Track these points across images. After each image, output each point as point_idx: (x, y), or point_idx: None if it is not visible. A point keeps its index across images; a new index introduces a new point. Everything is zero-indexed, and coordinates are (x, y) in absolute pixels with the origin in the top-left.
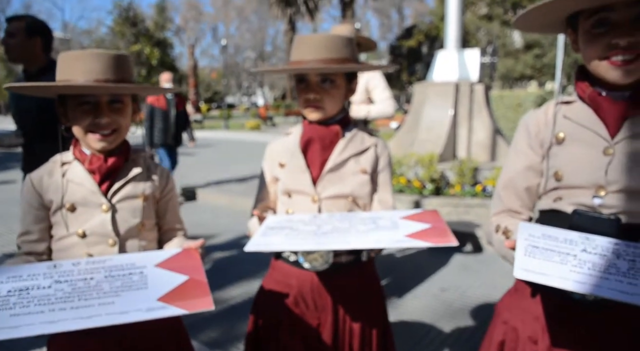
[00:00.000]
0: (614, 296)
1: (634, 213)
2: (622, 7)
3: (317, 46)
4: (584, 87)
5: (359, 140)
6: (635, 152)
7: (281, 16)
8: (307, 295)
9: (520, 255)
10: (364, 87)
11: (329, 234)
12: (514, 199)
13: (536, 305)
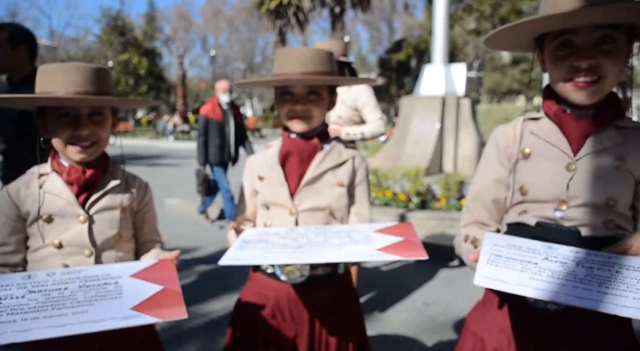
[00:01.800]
0: (569, 301)
1: (593, 225)
2: (584, 30)
3: (302, 59)
4: (550, 105)
5: (336, 153)
6: (596, 168)
7: (271, 28)
8: (284, 307)
9: (483, 263)
10: (353, 103)
11: (303, 247)
12: (483, 211)
13: (502, 316)
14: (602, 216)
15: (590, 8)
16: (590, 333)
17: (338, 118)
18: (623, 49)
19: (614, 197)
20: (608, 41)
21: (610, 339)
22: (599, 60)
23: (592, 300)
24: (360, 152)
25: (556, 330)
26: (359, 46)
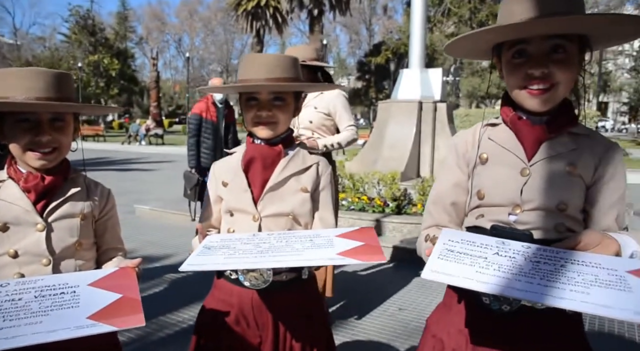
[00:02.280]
0: (509, 293)
1: (545, 229)
2: (537, 40)
3: (267, 65)
4: (507, 111)
5: (300, 159)
6: (549, 173)
7: (248, 29)
8: (248, 313)
9: (434, 258)
10: (325, 109)
11: (265, 253)
12: (443, 214)
13: (461, 318)
14: (554, 219)
15: (540, 19)
16: (543, 333)
17: (309, 123)
18: (574, 58)
19: (565, 201)
20: (560, 51)
21: (562, 338)
22: (551, 68)
23: (532, 292)
24: (335, 157)
25: (511, 330)
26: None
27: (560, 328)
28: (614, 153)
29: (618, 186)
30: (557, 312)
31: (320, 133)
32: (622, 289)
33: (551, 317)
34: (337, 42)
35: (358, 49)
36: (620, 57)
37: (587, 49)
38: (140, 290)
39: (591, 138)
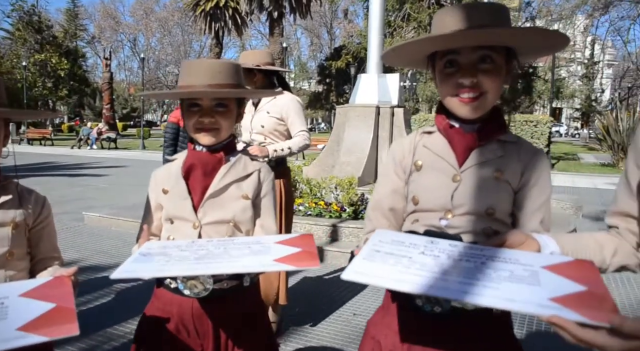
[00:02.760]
0: (426, 291)
1: (474, 232)
2: (466, 51)
3: (209, 71)
4: (441, 120)
5: (241, 165)
6: (478, 179)
7: (207, 31)
8: (188, 322)
9: (358, 259)
10: (278, 114)
11: (201, 259)
12: (382, 220)
13: (397, 320)
14: (483, 223)
15: (466, 31)
16: (474, 333)
17: (261, 128)
18: (501, 68)
19: (493, 205)
20: (487, 61)
21: (492, 338)
22: (480, 78)
23: (447, 289)
24: (295, 162)
25: (443, 331)
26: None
27: (490, 328)
28: (539, 159)
29: (543, 191)
30: (486, 313)
31: (272, 138)
32: (532, 283)
33: (481, 318)
34: (298, 45)
35: (319, 53)
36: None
37: (513, 60)
38: (88, 300)
39: (518, 145)
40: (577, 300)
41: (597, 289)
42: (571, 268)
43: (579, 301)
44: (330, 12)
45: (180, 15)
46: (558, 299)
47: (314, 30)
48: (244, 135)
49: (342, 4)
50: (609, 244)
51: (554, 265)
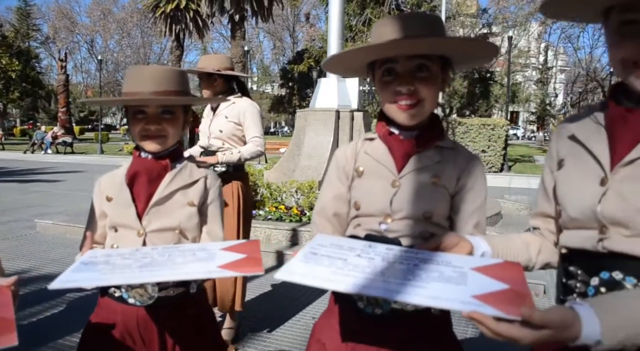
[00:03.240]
0: (355, 290)
1: (412, 236)
2: (402, 60)
3: (155, 78)
4: (380, 127)
5: (187, 172)
6: (416, 184)
7: (167, 33)
8: (133, 330)
9: (294, 260)
10: (237, 119)
11: (145, 267)
12: (327, 225)
13: (342, 321)
14: (420, 227)
15: (399, 41)
16: (414, 333)
17: (220, 133)
18: (437, 76)
19: (430, 210)
20: (423, 69)
21: (431, 337)
22: (417, 86)
23: (377, 288)
24: (257, 165)
25: (385, 332)
26: (262, 55)
27: (429, 328)
28: (474, 165)
29: (478, 195)
30: (426, 314)
31: (231, 143)
32: (459, 283)
33: (420, 318)
34: (260, 48)
35: (282, 56)
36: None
37: (449, 69)
38: (38, 311)
39: (455, 152)
40: (498, 297)
41: (519, 287)
42: (498, 269)
43: (499, 298)
44: (293, 15)
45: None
46: (480, 296)
47: (276, 34)
48: (202, 139)
49: (305, 8)
50: (534, 244)
51: (482, 267)
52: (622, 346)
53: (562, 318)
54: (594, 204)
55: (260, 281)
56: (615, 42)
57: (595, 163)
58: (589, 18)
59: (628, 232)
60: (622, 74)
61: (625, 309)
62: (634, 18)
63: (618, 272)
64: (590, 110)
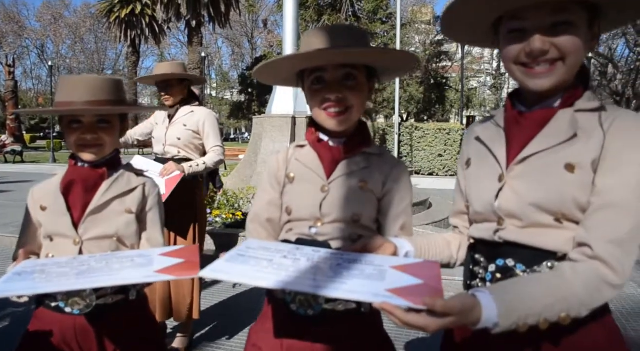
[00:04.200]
0: (276, 285)
1: (341, 238)
2: (331, 69)
3: (90, 87)
4: (310, 134)
5: (124, 180)
6: (344, 189)
7: (122, 39)
8: (71, 340)
9: (220, 260)
10: (195, 127)
11: (81, 275)
12: (261, 230)
13: (276, 324)
14: (349, 230)
15: (324, 50)
16: (346, 332)
17: (177, 140)
18: (364, 85)
19: (358, 213)
20: (351, 78)
21: (362, 335)
22: (345, 94)
23: (299, 284)
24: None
25: (318, 332)
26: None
27: (361, 326)
28: (399, 170)
29: (403, 199)
30: (356, 313)
31: (187, 151)
32: (377, 279)
33: (352, 318)
34: (219, 54)
35: (241, 62)
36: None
37: (374, 78)
38: None
39: (381, 158)
40: (410, 291)
41: (433, 283)
42: (417, 267)
43: (411, 292)
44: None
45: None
46: (393, 290)
47: (235, 40)
48: (157, 147)
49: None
50: (454, 242)
51: (401, 265)
52: (516, 327)
53: (462, 305)
54: (493, 199)
55: (214, 288)
56: (506, 48)
57: (495, 162)
58: (479, 39)
59: (520, 223)
60: (515, 76)
61: (519, 294)
62: (519, 26)
63: (511, 260)
64: (494, 114)
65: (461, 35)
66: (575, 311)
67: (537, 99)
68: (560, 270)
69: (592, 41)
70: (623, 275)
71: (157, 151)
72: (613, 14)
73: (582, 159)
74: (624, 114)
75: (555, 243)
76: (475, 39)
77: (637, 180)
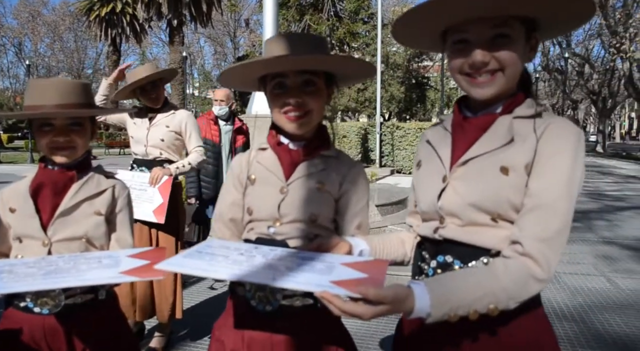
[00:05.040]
0: (228, 276)
1: (299, 237)
2: (292, 74)
3: (59, 91)
4: (271, 137)
5: (94, 183)
6: (302, 190)
7: (103, 37)
8: (40, 339)
9: (178, 256)
10: (177, 128)
11: (48, 275)
12: (225, 229)
13: (237, 320)
14: (307, 229)
15: (284, 57)
16: (304, 326)
17: (161, 142)
18: (323, 90)
19: (315, 213)
20: (310, 84)
21: (321, 328)
22: (304, 98)
23: (252, 275)
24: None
25: (277, 326)
26: (203, 61)
27: (317, 321)
28: (356, 172)
29: (360, 199)
30: (313, 308)
31: (169, 152)
32: (324, 273)
33: (309, 312)
34: (202, 53)
35: (224, 61)
36: None
37: (333, 84)
38: None
39: (338, 160)
40: (351, 282)
41: (376, 276)
42: (366, 264)
43: (352, 283)
44: (234, 20)
45: (73, 20)
46: (336, 282)
47: (217, 39)
48: (137, 148)
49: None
50: (408, 240)
51: (351, 262)
52: (447, 317)
53: (394, 294)
54: (436, 198)
55: (192, 288)
56: (451, 58)
57: (441, 163)
58: (431, 47)
59: (460, 222)
60: (461, 85)
61: (451, 287)
62: (463, 38)
63: (449, 256)
64: (444, 118)
65: (412, 42)
66: (503, 304)
67: (481, 106)
68: (493, 266)
69: (530, 52)
70: (549, 270)
71: (137, 151)
72: (547, 27)
73: (516, 163)
74: (555, 122)
75: (491, 241)
76: (426, 46)
77: (564, 184)
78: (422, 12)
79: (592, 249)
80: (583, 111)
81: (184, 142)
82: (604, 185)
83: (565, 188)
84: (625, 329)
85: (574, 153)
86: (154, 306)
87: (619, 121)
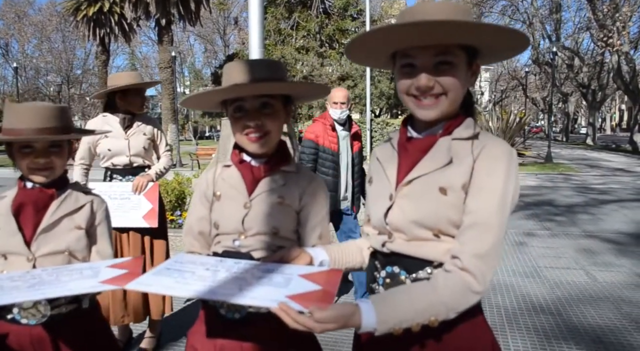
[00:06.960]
0: (193, 294)
1: (262, 249)
2: (250, 98)
3: (39, 115)
4: (234, 155)
5: (72, 199)
6: (265, 205)
7: (91, 37)
8: (27, 349)
9: (147, 274)
10: (151, 135)
11: (32, 287)
12: (194, 242)
13: (209, 327)
14: (269, 242)
15: (240, 85)
16: (273, 332)
17: (144, 150)
18: (280, 111)
19: (277, 226)
20: (267, 106)
21: (288, 335)
22: (263, 120)
23: (212, 293)
24: (189, 172)
25: (246, 333)
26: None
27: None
28: (315, 185)
29: (319, 211)
30: None
31: (149, 159)
32: (281, 286)
33: (275, 319)
34: (192, 51)
35: (214, 59)
36: None
37: (291, 105)
38: None
39: (298, 174)
40: (306, 296)
41: (329, 288)
42: (321, 275)
43: (307, 297)
44: (223, 18)
45: (60, 20)
46: (291, 296)
47: (207, 37)
48: (118, 158)
49: (234, 11)
50: (366, 248)
51: (308, 273)
52: (393, 331)
53: (337, 315)
54: (383, 216)
55: None
56: (399, 79)
57: (388, 182)
58: (384, 66)
59: (406, 237)
60: (408, 106)
61: (395, 304)
62: (409, 62)
63: (397, 267)
64: (392, 136)
65: (365, 62)
66: (443, 315)
67: (425, 126)
68: (435, 280)
69: (472, 77)
70: (484, 283)
71: (118, 163)
72: (487, 54)
73: (454, 183)
74: (490, 143)
75: (434, 254)
76: (378, 65)
77: (498, 201)
78: (372, 38)
79: (574, 243)
80: (573, 104)
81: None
82: (591, 178)
83: (499, 205)
84: (599, 321)
85: (506, 172)
86: (146, 308)
87: (610, 113)
